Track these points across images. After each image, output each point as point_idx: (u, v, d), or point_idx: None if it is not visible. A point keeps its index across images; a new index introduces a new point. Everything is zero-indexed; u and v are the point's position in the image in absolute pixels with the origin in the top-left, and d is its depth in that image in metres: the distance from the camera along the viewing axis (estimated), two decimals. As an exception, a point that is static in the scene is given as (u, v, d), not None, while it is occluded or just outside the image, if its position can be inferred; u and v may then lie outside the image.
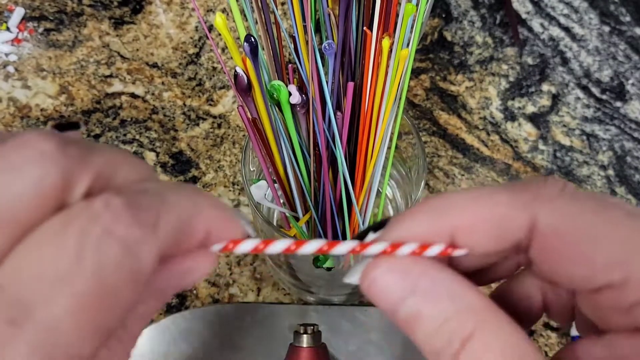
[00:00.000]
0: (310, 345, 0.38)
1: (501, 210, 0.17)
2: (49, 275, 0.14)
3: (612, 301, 0.17)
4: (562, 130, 0.53)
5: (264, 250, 0.19)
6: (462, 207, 0.18)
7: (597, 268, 0.17)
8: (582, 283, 0.17)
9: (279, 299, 0.46)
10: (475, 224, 0.18)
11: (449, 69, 0.56)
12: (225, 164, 0.51)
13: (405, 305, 0.17)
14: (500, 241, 0.18)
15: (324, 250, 0.19)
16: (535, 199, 0.17)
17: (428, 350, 0.17)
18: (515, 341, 0.16)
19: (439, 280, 0.17)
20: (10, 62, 0.55)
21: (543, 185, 0.18)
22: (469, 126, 0.53)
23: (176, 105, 0.53)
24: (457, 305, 0.17)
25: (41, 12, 0.57)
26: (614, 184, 0.51)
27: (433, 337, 0.17)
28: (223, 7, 0.59)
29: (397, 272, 0.18)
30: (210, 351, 0.43)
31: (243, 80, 0.26)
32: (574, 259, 0.17)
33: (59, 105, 0.53)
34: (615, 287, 0.17)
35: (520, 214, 0.17)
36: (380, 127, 0.29)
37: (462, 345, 0.16)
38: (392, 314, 0.18)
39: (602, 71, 0.56)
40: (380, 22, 0.26)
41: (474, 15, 0.58)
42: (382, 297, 0.18)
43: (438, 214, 0.18)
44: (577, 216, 0.17)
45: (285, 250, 0.19)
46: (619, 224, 0.17)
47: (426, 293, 0.17)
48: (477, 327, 0.16)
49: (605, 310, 0.18)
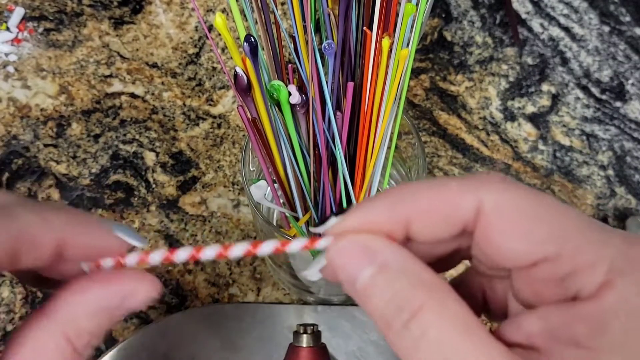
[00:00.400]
0: (310, 345, 0.38)
1: (451, 196, 0.19)
2: None
3: (547, 274, 0.19)
4: (562, 130, 0.53)
5: (174, 259, 0.21)
6: (416, 195, 0.20)
7: (534, 243, 0.19)
8: (521, 258, 0.19)
9: (278, 299, 0.46)
10: (428, 209, 0.19)
11: (448, 69, 0.56)
12: (225, 164, 0.51)
13: (362, 276, 0.19)
14: (451, 224, 0.20)
15: (251, 252, 0.21)
16: (481, 185, 0.19)
17: (380, 320, 0.19)
18: (461, 313, 0.18)
19: (395, 255, 0.19)
20: (10, 62, 0.55)
21: (487, 175, 0.20)
22: (468, 126, 0.53)
23: (176, 105, 0.53)
24: (410, 279, 0.18)
25: (41, 12, 0.57)
26: (614, 184, 0.51)
27: (385, 307, 0.18)
28: (223, 7, 0.59)
29: (359, 245, 0.19)
30: (210, 351, 0.43)
31: (243, 80, 0.26)
32: (515, 235, 0.19)
33: (58, 105, 0.53)
34: (550, 261, 0.19)
35: (468, 197, 0.19)
36: (380, 127, 0.29)
37: (413, 315, 0.18)
38: (350, 285, 0.19)
39: (602, 71, 0.56)
40: (380, 22, 0.26)
41: (474, 15, 0.58)
42: (343, 267, 0.19)
43: (395, 202, 0.20)
44: (517, 199, 0.19)
45: (190, 258, 0.21)
46: (551, 208, 0.19)
47: (382, 266, 0.19)
48: (427, 299, 0.18)
49: (541, 284, 0.19)
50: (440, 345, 0.17)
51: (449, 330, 0.18)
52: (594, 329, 0.17)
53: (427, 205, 0.20)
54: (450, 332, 0.17)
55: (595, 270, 0.18)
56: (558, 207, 0.19)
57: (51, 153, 0.51)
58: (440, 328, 0.18)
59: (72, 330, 0.20)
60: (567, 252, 0.18)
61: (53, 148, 0.51)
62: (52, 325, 0.20)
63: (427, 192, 0.20)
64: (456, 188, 0.19)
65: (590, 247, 0.18)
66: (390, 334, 0.19)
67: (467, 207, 0.19)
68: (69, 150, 0.51)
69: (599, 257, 0.18)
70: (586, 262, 0.18)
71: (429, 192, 0.20)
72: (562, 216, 0.19)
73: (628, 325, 0.17)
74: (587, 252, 0.18)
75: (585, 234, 0.19)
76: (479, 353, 0.17)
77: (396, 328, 0.18)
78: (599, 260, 0.18)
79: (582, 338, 0.18)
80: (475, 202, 0.19)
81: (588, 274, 0.18)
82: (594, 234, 0.19)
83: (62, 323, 0.20)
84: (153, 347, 0.42)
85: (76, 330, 0.20)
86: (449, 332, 0.18)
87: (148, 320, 0.45)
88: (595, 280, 0.18)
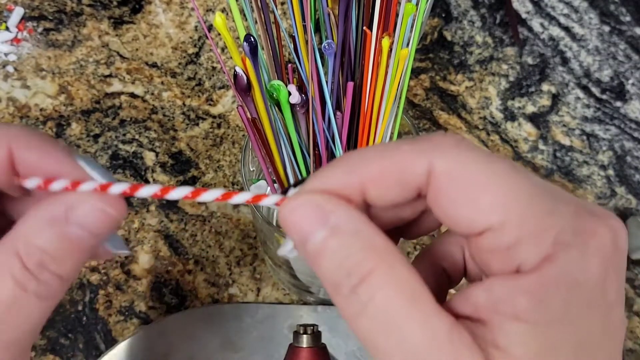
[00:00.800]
0: (310, 346, 0.38)
1: (403, 159, 0.19)
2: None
3: (491, 244, 0.18)
4: (562, 130, 0.53)
5: (135, 194, 0.20)
6: (370, 160, 0.19)
7: (479, 210, 0.18)
8: (467, 226, 0.19)
9: (278, 299, 0.46)
10: (381, 174, 0.19)
11: (448, 68, 0.56)
12: (225, 163, 0.51)
13: (314, 237, 0.18)
14: (404, 188, 0.19)
15: (189, 196, 0.20)
16: (434, 148, 0.19)
17: (329, 283, 0.18)
18: (410, 281, 0.18)
19: (348, 218, 0.18)
20: (10, 61, 0.55)
21: (441, 137, 0.19)
22: (469, 126, 0.53)
23: (176, 105, 0.53)
24: (361, 243, 0.18)
25: (40, 11, 0.57)
26: (614, 183, 0.51)
27: (336, 271, 0.18)
28: (223, 6, 0.59)
29: (313, 205, 0.19)
30: (210, 351, 0.43)
31: (242, 80, 0.26)
32: (461, 201, 0.18)
33: (58, 105, 0.53)
34: (494, 230, 0.18)
35: (420, 160, 0.19)
36: (380, 126, 0.29)
37: (362, 280, 0.17)
38: (302, 245, 0.19)
39: (602, 71, 0.56)
40: (380, 22, 0.26)
41: (474, 15, 0.58)
42: (295, 227, 0.19)
43: (350, 167, 0.19)
44: (468, 164, 0.18)
45: (154, 195, 0.20)
46: (503, 174, 0.18)
47: (334, 228, 0.18)
48: (376, 265, 0.18)
49: (487, 254, 0.19)
50: (386, 311, 0.17)
51: (396, 297, 0.17)
52: (535, 302, 0.17)
53: (379, 170, 0.19)
54: (397, 299, 0.17)
55: (539, 242, 0.17)
56: (511, 174, 0.18)
57: (51, 153, 0.51)
58: (387, 294, 0.17)
59: (22, 246, 0.20)
60: (511, 222, 0.18)
61: (53, 148, 0.51)
62: (3, 242, 0.20)
63: (379, 156, 0.19)
64: (408, 151, 0.19)
65: (536, 217, 0.18)
66: (338, 298, 0.18)
67: (419, 171, 0.19)
68: (69, 150, 0.51)
69: (545, 227, 0.18)
70: (530, 233, 0.18)
71: (382, 156, 0.19)
72: (512, 184, 0.18)
73: (569, 298, 0.17)
74: (532, 223, 0.18)
75: (533, 203, 0.18)
76: (422, 321, 0.17)
77: (344, 292, 0.18)
78: (544, 231, 0.17)
79: (522, 312, 0.17)
80: (426, 165, 0.19)
81: (532, 244, 0.18)
82: (543, 203, 0.18)
83: (12, 239, 0.20)
84: (153, 347, 0.42)
85: (25, 246, 0.20)
86: (396, 299, 0.17)
87: (148, 320, 0.45)
88: (539, 251, 0.17)
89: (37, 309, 0.20)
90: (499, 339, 0.17)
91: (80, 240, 0.20)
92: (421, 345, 0.17)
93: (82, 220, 0.20)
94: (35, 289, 0.20)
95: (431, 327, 0.17)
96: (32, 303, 0.20)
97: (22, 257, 0.19)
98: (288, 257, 0.21)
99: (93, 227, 0.20)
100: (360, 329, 0.18)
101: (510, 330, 0.17)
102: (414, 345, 0.17)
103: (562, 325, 0.17)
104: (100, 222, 0.20)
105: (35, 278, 0.20)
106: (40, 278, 0.20)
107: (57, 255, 0.20)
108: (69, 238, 0.20)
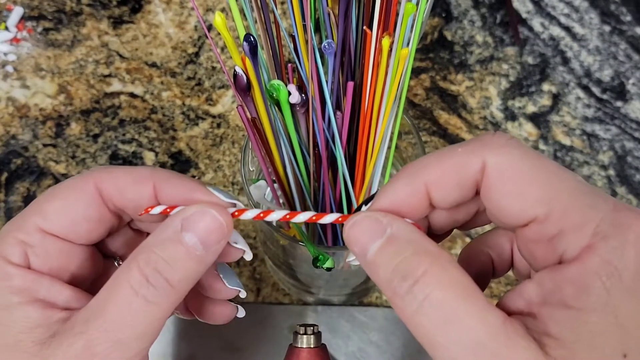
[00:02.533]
0: (310, 346, 0.38)
1: (459, 160, 0.21)
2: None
3: (536, 234, 0.20)
4: (563, 130, 0.53)
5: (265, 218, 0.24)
6: (430, 165, 0.21)
7: (526, 202, 0.20)
8: (515, 217, 0.20)
9: (278, 299, 0.46)
10: (442, 176, 0.21)
11: (449, 68, 0.55)
12: (225, 163, 0.51)
13: (372, 248, 0.20)
14: (463, 187, 0.21)
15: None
16: (485, 147, 0.21)
17: (387, 286, 0.20)
18: (461, 279, 0.19)
19: (402, 228, 0.21)
20: (9, 61, 0.55)
21: (492, 137, 0.21)
22: (469, 126, 0.53)
23: (175, 104, 0.53)
24: (415, 248, 0.20)
25: (40, 11, 0.57)
26: (615, 184, 0.51)
27: (392, 274, 0.20)
28: (222, 6, 0.59)
29: (371, 220, 0.21)
30: (210, 351, 0.42)
31: (242, 79, 0.26)
32: (510, 194, 0.20)
33: (57, 105, 0.53)
34: (539, 221, 0.20)
35: (474, 159, 0.21)
36: (380, 127, 0.29)
37: (416, 281, 0.19)
38: (362, 256, 0.21)
39: (603, 71, 0.56)
40: (380, 21, 0.26)
41: (474, 15, 0.58)
42: (356, 240, 0.21)
43: (413, 175, 0.22)
44: (517, 160, 0.20)
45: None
46: (548, 170, 0.20)
47: (390, 237, 0.20)
48: (430, 266, 0.19)
49: (532, 245, 0.21)
50: (442, 306, 0.19)
51: (449, 293, 0.19)
52: (579, 290, 0.18)
53: (440, 172, 0.21)
54: (451, 295, 0.19)
55: (580, 233, 0.19)
56: (555, 169, 0.20)
57: (50, 153, 0.51)
58: (441, 291, 0.19)
59: (143, 255, 0.22)
60: (555, 214, 0.19)
61: (52, 148, 0.51)
62: (132, 254, 0.22)
63: (438, 161, 0.21)
64: (463, 152, 0.21)
65: (578, 210, 0.19)
66: (396, 300, 0.20)
67: (474, 169, 0.21)
68: (68, 150, 0.51)
69: (586, 220, 0.19)
70: (573, 224, 0.19)
71: (440, 160, 0.21)
72: (556, 179, 0.20)
73: (609, 285, 0.18)
74: (575, 215, 0.19)
75: (575, 197, 0.19)
76: (477, 315, 0.18)
77: (401, 294, 0.19)
78: (586, 223, 0.19)
79: (569, 299, 0.19)
80: (480, 163, 0.20)
81: (574, 235, 0.19)
82: (585, 197, 0.19)
83: (138, 249, 0.22)
84: (153, 347, 0.42)
85: (146, 253, 0.22)
86: (450, 295, 0.19)
87: (147, 320, 0.45)
88: (580, 242, 0.19)
89: (143, 312, 0.21)
90: (550, 327, 0.19)
91: (192, 247, 0.22)
92: (477, 337, 0.18)
93: (194, 226, 0.22)
94: (145, 292, 0.21)
95: (486, 320, 0.18)
96: (140, 306, 0.21)
97: (140, 265, 0.21)
98: (354, 264, 0.23)
99: (204, 232, 0.22)
100: (418, 327, 0.19)
101: (560, 317, 0.19)
102: (471, 338, 0.18)
103: (605, 311, 0.18)
104: (210, 229, 0.22)
105: (147, 281, 0.21)
106: (151, 281, 0.21)
107: (170, 260, 0.21)
108: (182, 243, 0.22)
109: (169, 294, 0.22)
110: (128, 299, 0.21)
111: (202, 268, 0.22)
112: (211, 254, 0.22)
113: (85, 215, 0.24)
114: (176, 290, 0.22)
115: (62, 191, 0.24)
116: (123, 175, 0.24)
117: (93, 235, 0.25)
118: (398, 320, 0.44)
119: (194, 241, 0.22)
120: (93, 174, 0.24)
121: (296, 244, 0.33)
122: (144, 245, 0.22)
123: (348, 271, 0.38)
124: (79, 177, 0.25)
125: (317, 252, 0.31)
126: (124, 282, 0.21)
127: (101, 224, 0.25)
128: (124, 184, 0.24)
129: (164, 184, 0.24)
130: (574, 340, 0.18)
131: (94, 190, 0.24)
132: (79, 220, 0.24)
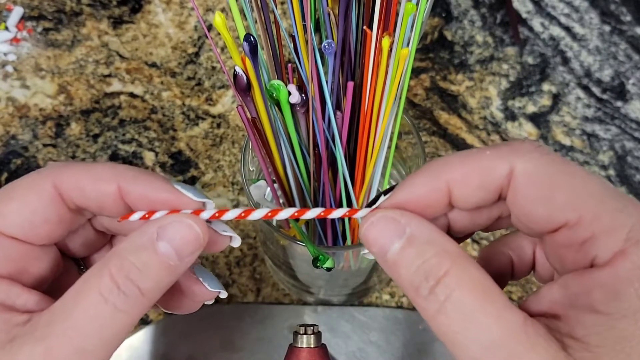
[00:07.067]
0: (310, 346, 0.38)
1: (486, 162, 0.21)
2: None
3: (567, 239, 0.20)
4: (563, 130, 0.53)
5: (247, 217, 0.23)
6: (455, 163, 0.21)
7: (556, 208, 0.20)
8: (544, 223, 0.20)
9: (278, 300, 0.46)
10: (466, 175, 0.21)
11: (449, 68, 0.55)
12: (225, 163, 0.51)
13: (392, 249, 0.20)
14: (487, 189, 0.21)
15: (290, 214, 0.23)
16: (514, 152, 0.21)
17: (409, 287, 0.20)
18: (482, 280, 0.19)
19: (421, 228, 0.20)
20: (9, 61, 0.54)
21: (521, 143, 0.21)
22: (469, 126, 0.53)
23: (175, 104, 0.53)
24: (435, 249, 0.20)
25: (40, 11, 0.57)
26: (615, 184, 0.51)
27: (414, 275, 0.20)
28: (222, 6, 0.59)
29: (389, 220, 0.21)
30: (210, 351, 0.42)
31: (242, 79, 0.26)
32: (538, 200, 0.20)
33: (57, 105, 0.53)
34: (569, 226, 0.20)
35: (501, 163, 0.20)
36: (380, 127, 0.29)
37: (438, 281, 0.19)
38: (381, 256, 0.21)
39: (603, 71, 0.56)
40: (380, 21, 0.26)
41: (475, 15, 0.58)
42: (374, 240, 0.21)
43: (436, 172, 0.21)
44: (546, 166, 0.20)
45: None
46: (577, 175, 0.20)
47: (410, 238, 0.20)
48: (451, 266, 0.19)
49: (563, 249, 0.20)
50: (463, 306, 0.19)
51: (470, 293, 0.19)
52: (609, 295, 0.18)
53: (464, 172, 0.21)
54: (471, 295, 0.19)
55: (612, 238, 0.19)
56: (583, 174, 0.20)
57: (50, 153, 0.51)
58: (462, 292, 0.19)
59: (114, 261, 0.21)
60: (586, 218, 0.19)
61: (52, 148, 0.51)
62: (103, 260, 0.22)
63: (463, 160, 0.21)
64: (490, 155, 0.21)
65: (609, 215, 0.19)
66: (418, 300, 0.20)
67: (500, 173, 0.20)
68: (68, 150, 0.51)
69: (617, 225, 0.19)
70: (604, 229, 0.19)
71: (465, 160, 0.21)
72: (585, 184, 0.20)
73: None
74: (606, 220, 0.19)
75: (605, 202, 0.19)
76: (497, 315, 0.18)
77: (424, 294, 0.19)
78: (617, 228, 0.19)
79: (597, 304, 0.18)
80: (507, 168, 0.20)
81: (605, 240, 0.19)
82: (614, 202, 0.19)
83: (109, 256, 0.22)
84: (153, 347, 0.42)
85: (118, 259, 0.21)
86: (470, 295, 0.19)
87: (148, 320, 0.45)
88: (612, 247, 0.19)
89: (110, 320, 0.21)
90: (575, 330, 0.19)
91: (166, 257, 0.21)
92: (497, 337, 0.18)
93: (170, 236, 0.21)
94: (115, 300, 0.21)
95: (505, 319, 0.18)
96: (108, 313, 0.21)
97: (112, 271, 0.21)
98: (368, 257, 0.23)
99: (179, 243, 0.21)
100: (440, 326, 0.19)
101: (587, 321, 0.19)
102: (490, 338, 0.18)
103: (635, 318, 0.18)
104: (187, 239, 0.22)
105: (118, 288, 0.21)
106: (122, 289, 0.21)
107: (143, 268, 0.21)
108: (156, 252, 0.21)
109: (139, 303, 0.21)
110: (96, 306, 0.20)
111: (174, 278, 0.22)
112: (184, 265, 0.22)
113: (44, 216, 0.23)
114: (147, 299, 0.21)
115: (19, 191, 0.23)
116: (83, 173, 0.23)
117: (53, 235, 0.24)
118: (398, 320, 0.44)
119: (169, 251, 0.21)
120: (52, 172, 0.23)
121: (296, 244, 0.33)
122: (116, 251, 0.21)
123: (348, 271, 0.38)
124: (37, 175, 0.24)
125: (317, 252, 0.31)
126: (93, 288, 0.21)
127: (61, 224, 0.24)
128: (84, 182, 0.23)
129: (130, 182, 0.23)
130: (599, 344, 0.18)
131: (53, 190, 0.23)
132: (37, 222, 0.23)
